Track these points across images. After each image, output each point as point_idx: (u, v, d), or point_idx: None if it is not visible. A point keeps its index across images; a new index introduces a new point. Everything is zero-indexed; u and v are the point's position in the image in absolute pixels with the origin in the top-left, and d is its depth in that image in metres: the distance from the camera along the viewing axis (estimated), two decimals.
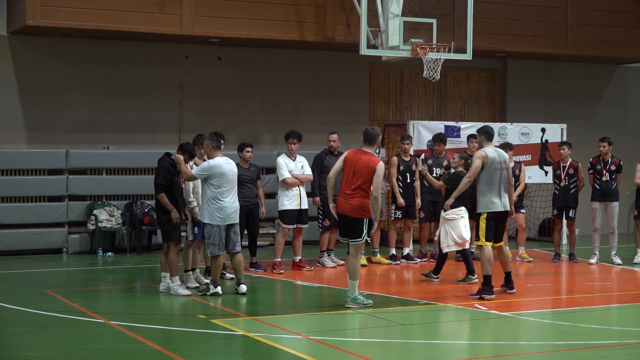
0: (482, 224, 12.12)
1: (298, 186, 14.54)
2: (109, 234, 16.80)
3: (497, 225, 12.26)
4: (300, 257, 14.81)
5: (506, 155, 12.36)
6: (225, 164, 12.00)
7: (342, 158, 11.41)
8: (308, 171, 14.71)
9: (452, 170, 13.77)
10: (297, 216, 14.56)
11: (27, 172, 16.64)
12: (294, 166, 14.57)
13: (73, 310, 11.09)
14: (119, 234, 16.91)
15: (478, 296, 11.96)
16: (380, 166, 11.19)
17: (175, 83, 17.96)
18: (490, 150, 12.18)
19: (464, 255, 13.37)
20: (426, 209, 15.62)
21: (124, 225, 16.69)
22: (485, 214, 12.10)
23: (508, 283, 12.45)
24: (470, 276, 13.32)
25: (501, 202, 12.14)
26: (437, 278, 13.52)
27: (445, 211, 13.18)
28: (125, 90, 17.60)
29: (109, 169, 17.16)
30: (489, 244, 12.14)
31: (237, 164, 13.51)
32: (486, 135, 12.34)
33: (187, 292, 12.17)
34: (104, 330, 10.05)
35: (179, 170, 12.07)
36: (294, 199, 14.50)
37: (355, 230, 11.25)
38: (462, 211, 13.26)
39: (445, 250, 13.33)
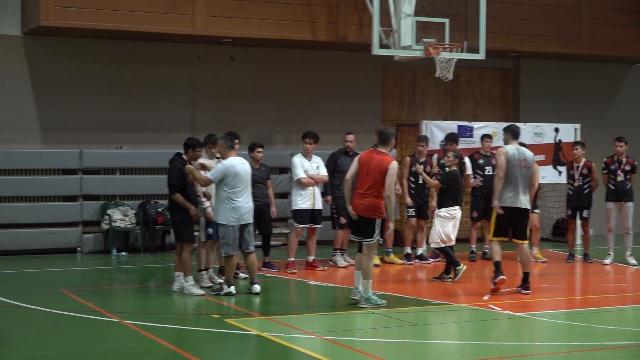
0: (493, 219, 12.44)
1: (312, 186, 14.54)
2: (123, 233, 16.84)
3: (515, 223, 12.38)
4: (313, 257, 14.81)
5: (529, 154, 12.53)
6: (238, 164, 12.00)
7: (356, 159, 11.43)
8: (324, 171, 14.71)
9: (447, 169, 13.94)
10: (311, 216, 14.57)
11: (41, 172, 16.70)
12: (309, 166, 14.57)
13: (87, 310, 11.12)
14: (133, 233, 16.95)
15: (493, 285, 12.24)
16: (393, 165, 11.18)
17: (188, 83, 17.99)
18: (511, 148, 12.42)
19: (445, 252, 13.55)
20: None
21: (138, 224, 16.73)
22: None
23: (524, 284, 12.46)
24: (457, 267, 13.47)
25: (519, 199, 12.29)
26: (450, 278, 13.53)
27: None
28: (138, 90, 17.65)
29: (123, 168, 17.21)
30: (497, 239, 12.40)
31: None
32: (512, 133, 12.60)
33: (201, 291, 12.18)
34: (118, 330, 10.08)
35: (193, 179, 12.07)
36: (307, 199, 14.50)
37: (368, 230, 11.25)
38: (456, 211, 13.52)
39: (432, 245, 13.65)
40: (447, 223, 13.46)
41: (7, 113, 16.81)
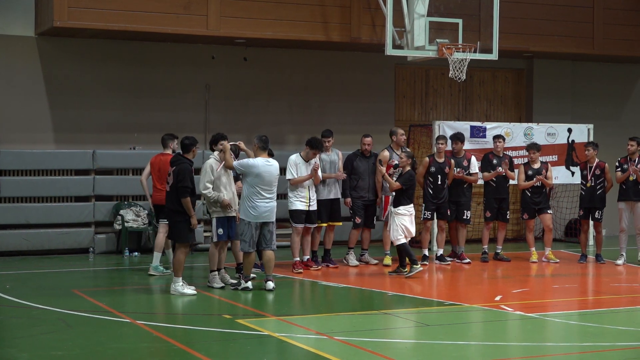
0: None
1: (299, 185, 14.44)
2: (135, 234, 16.87)
3: None
4: (308, 257, 14.77)
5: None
6: (262, 165, 12.19)
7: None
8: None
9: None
10: (306, 216, 14.54)
11: (54, 173, 16.74)
12: (305, 168, 14.49)
13: (100, 310, 11.16)
14: (145, 234, 16.99)
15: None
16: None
17: (201, 83, 18.02)
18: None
19: (405, 248, 13.98)
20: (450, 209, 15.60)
21: (150, 225, 16.76)
22: None
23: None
24: (415, 266, 13.88)
25: None
26: (406, 271, 13.94)
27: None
28: (152, 91, 17.68)
29: (136, 169, 17.22)
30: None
31: None
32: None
33: (191, 291, 12.26)
34: (130, 330, 10.11)
35: (223, 159, 12.37)
36: (303, 200, 14.46)
37: None
38: (412, 207, 14.12)
39: (396, 243, 13.94)
40: (406, 219, 13.92)
41: (20, 113, 16.88)
